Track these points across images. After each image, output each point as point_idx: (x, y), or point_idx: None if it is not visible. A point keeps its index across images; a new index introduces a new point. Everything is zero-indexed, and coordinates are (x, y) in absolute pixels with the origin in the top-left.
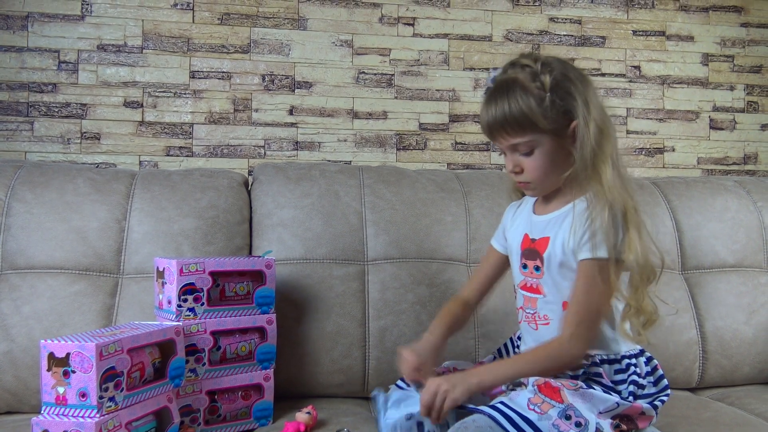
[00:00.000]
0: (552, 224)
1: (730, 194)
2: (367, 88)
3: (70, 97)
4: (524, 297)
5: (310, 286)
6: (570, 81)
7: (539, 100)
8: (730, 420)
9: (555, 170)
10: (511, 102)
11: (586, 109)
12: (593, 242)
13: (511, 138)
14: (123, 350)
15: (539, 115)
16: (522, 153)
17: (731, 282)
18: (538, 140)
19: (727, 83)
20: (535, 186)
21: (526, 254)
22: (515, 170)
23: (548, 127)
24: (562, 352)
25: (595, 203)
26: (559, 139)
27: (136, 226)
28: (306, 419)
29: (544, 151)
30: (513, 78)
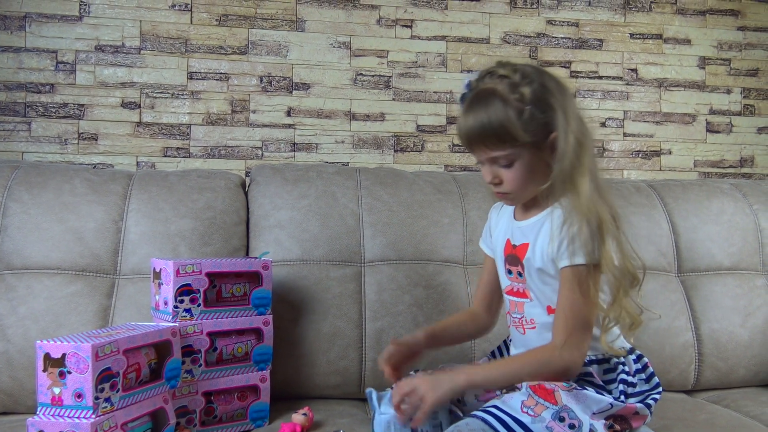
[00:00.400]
0: (530, 230)
1: (726, 197)
2: (365, 89)
3: (68, 98)
4: (510, 302)
5: (307, 287)
6: (549, 92)
7: (519, 112)
8: (725, 422)
9: (533, 182)
10: (490, 114)
11: (566, 120)
12: (571, 249)
13: (490, 151)
14: (119, 351)
15: (519, 128)
16: (501, 165)
17: (727, 285)
18: (517, 153)
19: (724, 86)
20: (514, 197)
21: (509, 260)
22: (494, 182)
23: (528, 140)
24: (554, 360)
25: (572, 213)
26: (537, 151)
27: (133, 226)
28: (302, 420)
29: (523, 164)
30: (492, 89)
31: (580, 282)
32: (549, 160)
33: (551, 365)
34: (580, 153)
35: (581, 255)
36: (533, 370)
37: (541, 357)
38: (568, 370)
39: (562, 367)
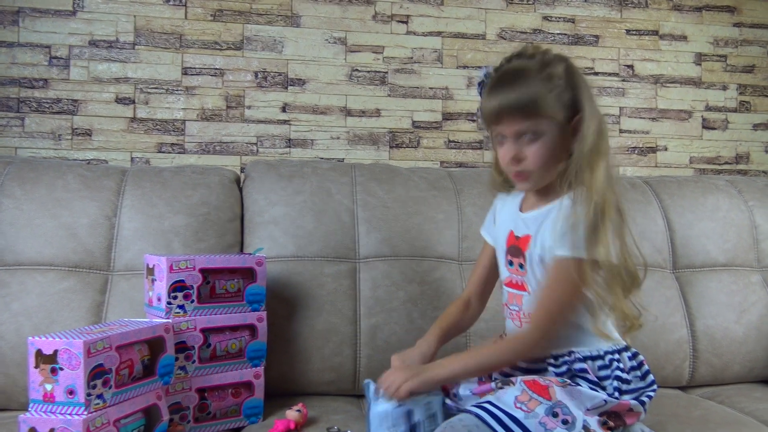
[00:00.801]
0: (534, 221)
1: (721, 193)
2: (361, 85)
3: (61, 93)
4: (509, 294)
5: (302, 283)
6: (576, 74)
7: (549, 88)
8: (719, 419)
9: (554, 162)
10: (522, 87)
11: (591, 105)
12: (571, 239)
13: (518, 123)
14: (111, 347)
15: (550, 101)
16: (527, 140)
17: (722, 281)
18: (544, 128)
19: (720, 83)
20: (534, 178)
21: (511, 251)
22: (517, 158)
23: (556, 116)
24: (520, 343)
25: (581, 200)
26: (562, 131)
27: (127, 222)
28: (296, 417)
29: (547, 141)
30: (522, 67)
31: (571, 272)
32: (570, 142)
33: (517, 350)
34: (600, 139)
35: (581, 248)
36: (500, 360)
37: (509, 345)
38: (529, 349)
39: (525, 348)
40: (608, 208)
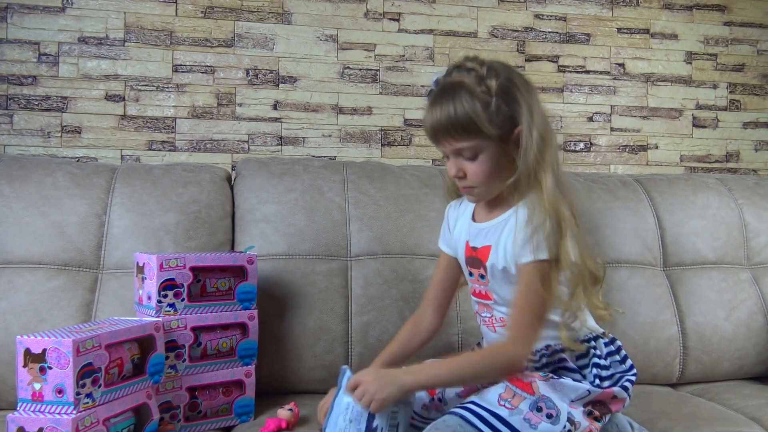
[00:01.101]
0: (492, 232)
1: (711, 192)
2: (352, 83)
3: (51, 90)
4: (478, 303)
5: (293, 281)
6: (515, 87)
7: (485, 104)
8: (709, 415)
9: (498, 176)
10: (456, 105)
11: (530, 116)
12: (533, 245)
13: (455, 142)
14: (101, 346)
15: (484, 119)
16: (466, 158)
17: (712, 278)
18: (482, 145)
19: (710, 81)
20: (479, 192)
21: (470, 262)
22: (458, 175)
23: (493, 132)
24: (502, 356)
25: (536, 209)
26: (503, 145)
27: (117, 220)
28: (288, 416)
29: (488, 156)
30: (459, 81)
31: (539, 277)
32: (514, 154)
33: (497, 362)
34: (543, 149)
35: (543, 250)
36: (481, 365)
37: (488, 356)
38: (513, 363)
39: (507, 362)
40: (562, 215)
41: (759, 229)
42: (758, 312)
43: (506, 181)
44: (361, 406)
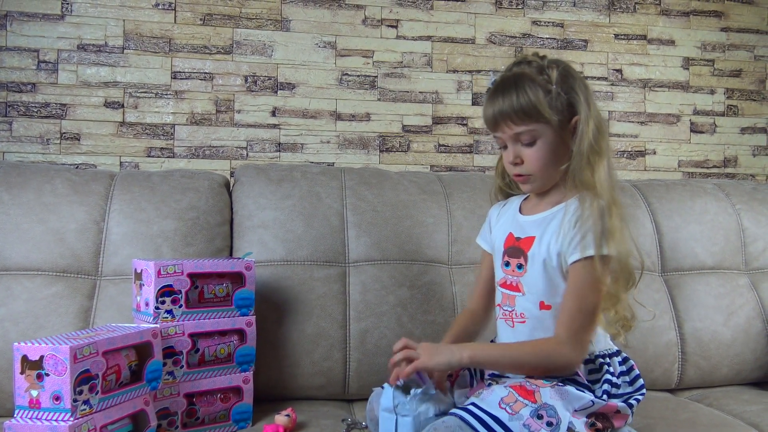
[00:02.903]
0: (539, 225)
1: (709, 197)
2: (350, 89)
3: (50, 97)
4: (503, 294)
5: (291, 288)
6: (573, 78)
7: (546, 91)
8: (708, 421)
9: (554, 163)
10: (519, 92)
11: (587, 106)
12: (584, 242)
13: (515, 126)
14: (98, 353)
15: (545, 104)
16: (524, 143)
17: (710, 284)
18: (541, 131)
19: (708, 87)
20: (535, 179)
21: (510, 252)
22: (516, 161)
23: (553, 118)
24: (559, 355)
25: (587, 201)
26: (560, 132)
27: (115, 227)
28: (285, 422)
29: (545, 143)
30: (521, 72)
31: (590, 275)
32: (570, 143)
33: (553, 360)
34: (599, 139)
35: (592, 247)
36: (536, 362)
37: (546, 350)
38: (568, 366)
39: (564, 364)
40: (614, 207)
41: (757, 234)
42: (756, 317)
43: (560, 167)
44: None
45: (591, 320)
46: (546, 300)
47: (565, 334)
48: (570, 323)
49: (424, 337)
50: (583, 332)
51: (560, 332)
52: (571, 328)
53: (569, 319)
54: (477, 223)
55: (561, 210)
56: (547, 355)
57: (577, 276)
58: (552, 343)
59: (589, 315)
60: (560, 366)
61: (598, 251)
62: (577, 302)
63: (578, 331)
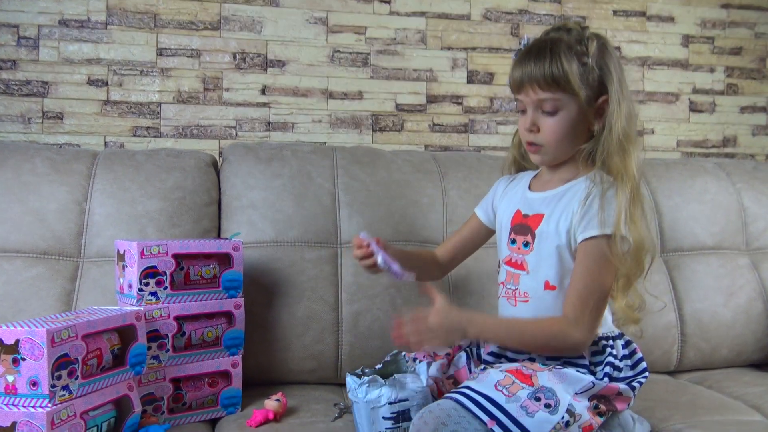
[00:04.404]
0: (548, 202)
1: (709, 176)
2: (342, 67)
3: (31, 75)
4: (507, 272)
5: (281, 269)
6: (610, 56)
7: (581, 62)
8: (708, 403)
9: (571, 139)
10: (553, 58)
11: (620, 87)
12: (599, 218)
13: (541, 92)
14: (77, 336)
15: (577, 76)
16: (545, 111)
17: (710, 264)
18: (565, 102)
19: (708, 65)
20: (547, 151)
21: (517, 229)
22: (532, 128)
23: (580, 92)
24: (566, 336)
25: (604, 180)
26: (585, 109)
27: (98, 207)
28: (275, 407)
29: (567, 115)
30: (557, 38)
31: (602, 255)
32: (592, 122)
33: (561, 340)
34: (631, 123)
35: (608, 226)
36: (542, 341)
37: (554, 329)
38: (575, 348)
39: (572, 345)
40: (639, 194)
41: (758, 214)
42: (757, 298)
43: (576, 146)
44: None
45: (601, 302)
46: (551, 280)
47: (574, 314)
48: (579, 303)
49: None
50: (593, 314)
51: (568, 312)
52: (580, 309)
53: (578, 299)
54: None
55: (573, 187)
56: (554, 335)
57: (588, 254)
58: (560, 323)
59: (599, 296)
60: (567, 347)
61: (610, 231)
62: (587, 281)
63: (587, 312)
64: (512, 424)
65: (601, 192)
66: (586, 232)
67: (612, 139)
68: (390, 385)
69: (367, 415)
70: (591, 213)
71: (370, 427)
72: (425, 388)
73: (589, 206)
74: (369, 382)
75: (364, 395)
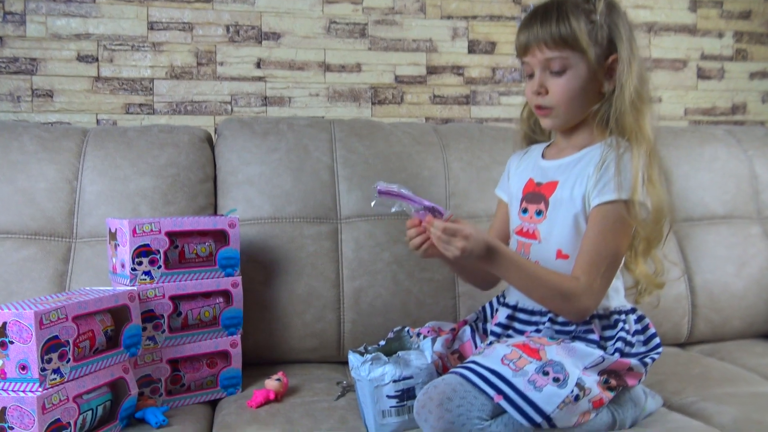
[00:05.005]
0: (563, 169)
1: (719, 143)
2: (339, 38)
3: (18, 51)
4: (518, 242)
5: (279, 246)
6: (619, 15)
7: (588, 20)
8: (720, 375)
9: (581, 100)
10: (560, 15)
11: (630, 47)
12: (617, 183)
13: (548, 51)
14: (67, 318)
15: (585, 33)
16: (553, 71)
17: (721, 233)
18: (574, 61)
19: (716, 30)
20: (557, 114)
21: (529, 198)
22: (539, 90)
23: (589, 50)
24: (574, 298)
25: (620, 144)
26: (594, 68)
27: (89, 186)
28: (276, 386)
29: (576, 74)
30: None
31: (617, 219)
32: (602, 82)
33: (568, 300)
34: (643, 83)
35: (626, 190)
36: (551, 293)
37: (565, 286)
38: (580, 312)
39: (577, 310)
40: (656, 155)
41: None
42: None
43: (587, 108)
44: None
45: (611, 269)
46: (564, 248)
47: (584, 278)
48: (589, 268)
49: (422, 296)
50: (603, 281)
51: (578, 275)
52: (590, 273)
53: (588, 263)
54: (476, 176)
55: (588, 153)
56: (563, 293)
57: (602, 219)
58: (573, 284)
59: (610, 262)
60: (572, 310)
61: (633, 195)
62: (600, 247)
63: (598, 279)
64: (520, 398)
65: (616, 156)
66: (602, 197)
67: (624, 99)
68: (394, 363)
69: (371, 393)
70: (606, 177)
71: (374, 406)
72: (430, 364)
73: (604, 171)
74: (372, 359)
75: (368, 373)
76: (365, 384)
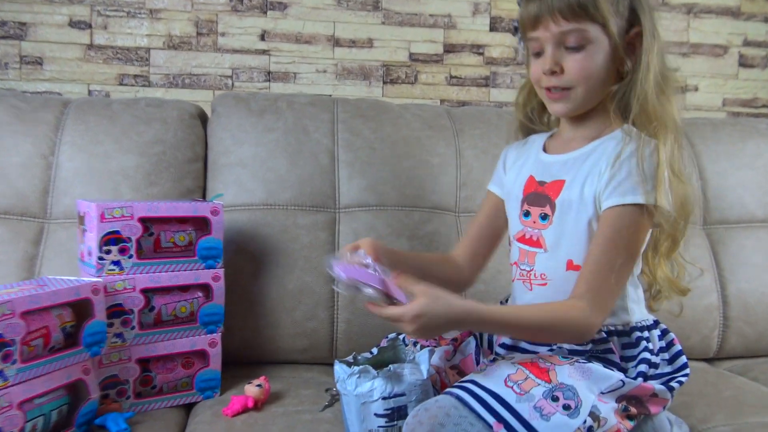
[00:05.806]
0: (570, 165)
1: (763, 138)
2: (351, 11)
3: (6, 15)
4: (521, 251)
5: (271, 236)
6: None
7: None
8: (755, 400)
9: (601, 80)
10: None
11: (652, 23)
12: (637, 179)
13: (564, 22)
14: (14, 313)
15: (606, 1)
16: (569, 46)
17: (760, 239)
18: (594, 34)
19: (762, 14)
20: (575, 96)
21: (531, 200)
22: (554, 69)
23: (608, 22)
24: (579, 322)
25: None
26: (615, 44)
27: (66, 162)
28: (256, 393)
29: (596, 51)
30: None
31: (631, 226)
32: (623, 59)
33: (576, 331)
34: (665, 62)
35: (648, 192)
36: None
37: (569, 319)
38: (583, 331)
39: (583, 331)
40: (681, 146)
41: None
42: None
43: (605, 91)
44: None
45: (620, 280)
46: (576, 258)
47: (589, 295)
48: (595, 281)
49: None
50: (608, 293)
51: (581, 292)
52: (597, 289)
53: (595, 275)
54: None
55: (601, 145)
56: (568, 323)
57: (613, 223)
58: (576, 313)
59: (619, 273)
60: (573, 329)
61: (656, 198)
62: (609, 255)
63: (605, 294)
64: (522, 427)
65: (636, 149)
66: (616, 198)
67: (649, 78)
68: (384, 377)
69: (357, 410)
70: (622, 174)
71: (360, 424)
72: (426, 380)
73: (620, 166)
74: (360, 372)
75: (354, 387)
76: (351, 399)
